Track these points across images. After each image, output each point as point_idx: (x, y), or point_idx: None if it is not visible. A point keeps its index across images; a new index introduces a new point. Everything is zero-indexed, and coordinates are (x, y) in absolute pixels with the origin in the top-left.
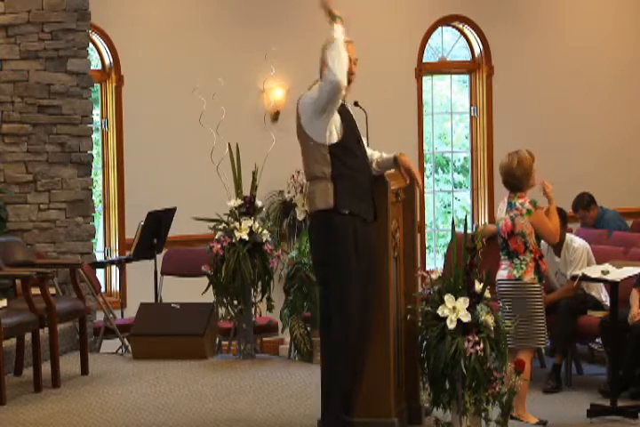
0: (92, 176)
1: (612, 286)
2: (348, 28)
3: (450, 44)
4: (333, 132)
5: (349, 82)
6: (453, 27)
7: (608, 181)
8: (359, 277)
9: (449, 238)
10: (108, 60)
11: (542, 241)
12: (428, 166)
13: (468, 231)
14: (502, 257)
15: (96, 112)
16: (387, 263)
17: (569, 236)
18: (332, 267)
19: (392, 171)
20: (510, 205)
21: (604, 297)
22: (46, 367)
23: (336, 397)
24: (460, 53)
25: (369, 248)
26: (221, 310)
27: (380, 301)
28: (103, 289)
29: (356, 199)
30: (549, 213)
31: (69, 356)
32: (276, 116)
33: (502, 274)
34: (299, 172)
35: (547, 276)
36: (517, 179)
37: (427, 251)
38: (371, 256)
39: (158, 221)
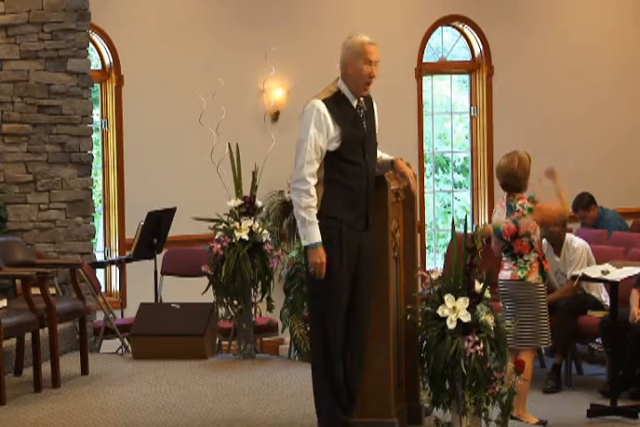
0: (92, 176)
1: (612, 286)
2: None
3: (450, 44)
4: (333, 143)
5: (368, 84)
6: (453, 27)
7: (608, 181)
8: (344, 280)
9: (449, 238)
10: (108, 60)
11: (543, 240)
12: (428, 166)
13: (468, 231)
14: (504, 258)
15: (96, 112)
16: (387, 263)
17: (569, 236)
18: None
19: (391, 172)
20: (510, 209)
21: (604, 297)
22: (46, 367)
23: (324, 398)
24: (460, 53)
25: (357, 253)
26: (221, 310)
27: (380, 301)
28: (103, 289)
29: (344, 206)
30: (559, 197)
31: (69, 356)
32: (276, 116)
33: (506, 275)
34: None
35: (548, 276)
36: (518, 180)
37: (427, 251)
38: (359, 260)
39: (158, 221)
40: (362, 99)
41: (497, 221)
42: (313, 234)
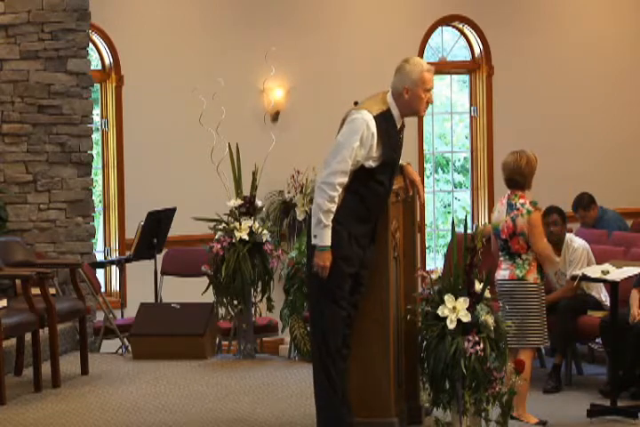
0: (92, 176)
1: (612, 286)
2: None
3: (450, 44)
4: (369, 162)
5: (426, 109)
6: (453, 27)
7: (608, 181)
8: (345, 281)
9: (449, 238)
10: (108, 60)
11: None
12: (428, 166)
13: (468, 231)
14: (502, 257)
15: (96, 112)
16: (387, 263)
17: (569, 236)
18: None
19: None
20: (510, 207)
21: (604, 297)
22: (46, 367)
23: (326, 398)
24: (460, 53)
25: (360, 260)
26: (221, 310)
27: (380, 301)
28: (103, 289)
29: (356, 220)
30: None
31: (69, 356)
32: (275, 116)
33: (504, 274)
34: (298, 172)
35: (547, 276)
36: (524, 177)
37: (427, 251)
38: (361, 264)
39: (158, 221)
40: (403, 120)
41: (496, 219)
42: (325, 237)
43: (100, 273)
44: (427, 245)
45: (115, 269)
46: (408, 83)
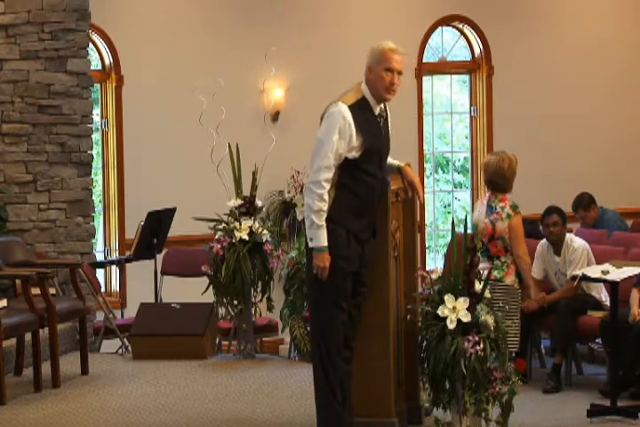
0: (92, 176)
1: (612, 286)
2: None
3: (450, 44)
4: (352, 153)
5: (389, 91)
6: (453, 27)
7: (608, 181)
8: (345, 282)
9: (449, 238)
10: (108, 60)
11: (543, 240)
12: (428, 166)
13: (468, 231)
14: (481, 257)
15: (96, 112)
16: (387, 263)
17: (569, 236)
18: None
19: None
20: (490, 209)
21: (604, 297)
22: (46, 367)
23: (325, 397)
24: (460, 53)
25: (360, 258)
26: (221, 310)
27: (380, 301)
28: (103, 289)
29: (352, 215)
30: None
31: (69, 356)
32: (275, 116)
33: None
34: (298, 172)
35: (547, 276)
36: (507, 180)
37: (427, 251)
38: (361, 263)
39: (158, 221)
40: (382, 106)
41: (476, 218)
42: (320, 237)
43: (100, 273)
44: (427, 245)
45: (115, 269)
46: (371, 61)
